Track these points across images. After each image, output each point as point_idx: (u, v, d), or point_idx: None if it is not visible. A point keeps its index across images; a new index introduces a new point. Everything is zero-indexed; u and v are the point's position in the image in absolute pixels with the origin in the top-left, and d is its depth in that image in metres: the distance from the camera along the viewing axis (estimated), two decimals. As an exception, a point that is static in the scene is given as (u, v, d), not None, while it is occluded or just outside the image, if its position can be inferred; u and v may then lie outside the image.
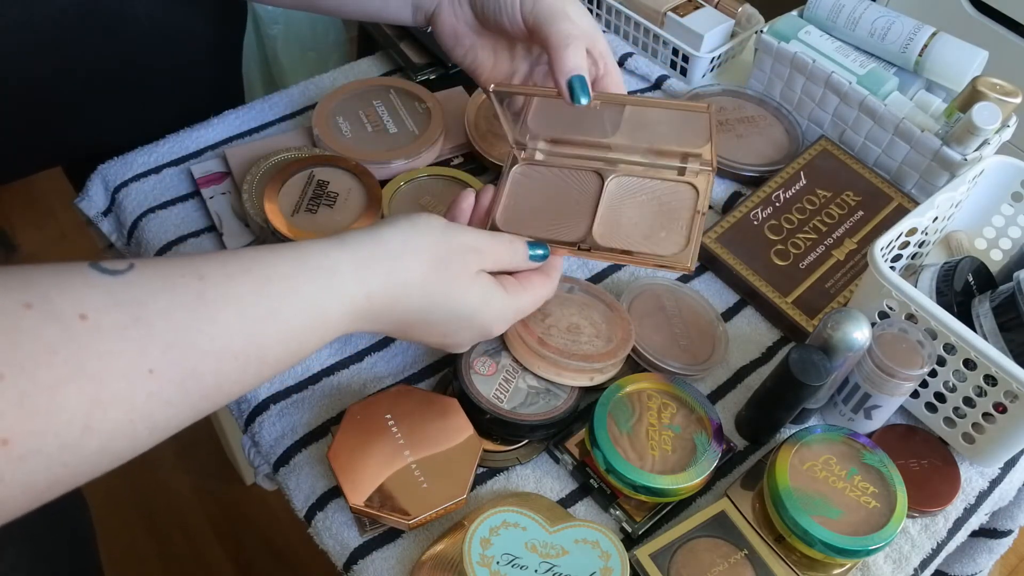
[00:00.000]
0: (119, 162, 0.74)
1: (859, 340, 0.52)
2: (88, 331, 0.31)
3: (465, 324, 0.48)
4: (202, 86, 0.85)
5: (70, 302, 0.31)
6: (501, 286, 0.50)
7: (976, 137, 0.67)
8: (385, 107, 0.76)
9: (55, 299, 0.30)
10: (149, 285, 0.33)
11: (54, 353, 0.29)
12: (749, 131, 0.79)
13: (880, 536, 0.51)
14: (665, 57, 0.87)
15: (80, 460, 0.31)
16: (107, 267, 0.33)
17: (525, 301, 0.51)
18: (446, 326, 0.48)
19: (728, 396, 0.63)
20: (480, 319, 0.48)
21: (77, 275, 0.32)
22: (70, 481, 0.31)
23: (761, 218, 0.71)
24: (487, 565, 0.48)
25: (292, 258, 0.40)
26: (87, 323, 0.31)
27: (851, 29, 0.78)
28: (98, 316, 0.31)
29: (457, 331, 0.49)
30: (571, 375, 0.57)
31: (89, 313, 0.31)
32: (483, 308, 0.48)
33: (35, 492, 0.30)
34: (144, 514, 1.26)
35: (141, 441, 0.33)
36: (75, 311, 0.31)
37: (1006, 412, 0.55)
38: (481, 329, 0.50)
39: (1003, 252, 0.70)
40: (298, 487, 0.57)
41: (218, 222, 0.69)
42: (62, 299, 0.31)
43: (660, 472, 0.53)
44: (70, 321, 0.30)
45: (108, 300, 0.32)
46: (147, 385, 0.32)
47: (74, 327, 0.30)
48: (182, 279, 0.35)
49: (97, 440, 0.31)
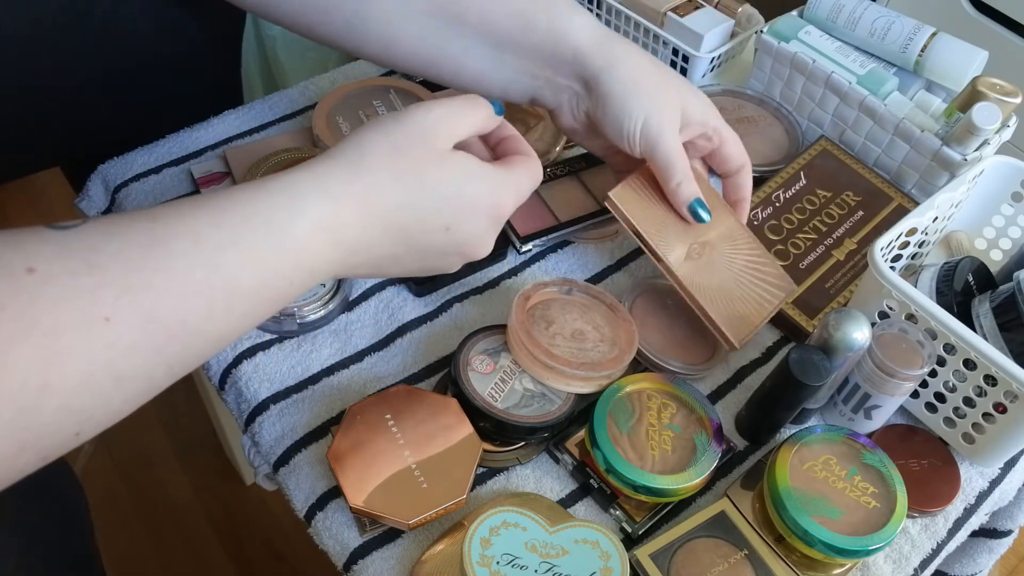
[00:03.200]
0: (119, 162, 0.74)
1: (859, 340, 0.52)
2: (37, 283, 0.29)
3: (461, 205, 0.43)
4: (201, 84, 0.85)
5: (19, 257, 0.29)
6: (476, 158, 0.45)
7: (976, 137, 0.67)
8: (385, 107, 0.76)
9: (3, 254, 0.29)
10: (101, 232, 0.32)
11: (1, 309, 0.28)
12: (749, 131, 0.79)
13: (880, 536, 0.51)
14: (665, 57, 0.87)
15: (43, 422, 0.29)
16: (61, 224, 0.32)
17: (520, 174, 0.47)
18: (441, 215, 0.43)
19: (728, 396, 0.63)
20: (473, 193, 0.44)
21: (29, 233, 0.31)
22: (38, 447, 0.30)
23: (761, 218, 0.71)
24: (487, 565, 0.48)
25: (249, 188, 0.38)
26: (36, 275, 0.29)
27: (851, 29, 0.78)
28: (48, 267, 0.30)
29: (459, 217, 0.44)
30: (579, 384, 0.57)
31: (38, 265, 0.29)
32: (468, 180, 0.44)
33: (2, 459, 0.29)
34: (144, 514, 1.26)
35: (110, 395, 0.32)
36: (24, 264, 0.29)
37: (1006, 412, 0.55)
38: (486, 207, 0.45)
39: (1003, 252, 0.70)
40: (298, 487, 0.57)
41: (218, 222, 0.69)
42: (10, 255, 0.29)
43: (660, 472, 0.53)
44: (18, 275, 0.29)
45: (59, 250, 0.30)
46: (105, 333, 0.30)
47: (22, 280, 0.29)
48: (134, 223, 0.33)
49: (57, 398, 0.29)
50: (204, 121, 0.78)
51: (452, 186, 0.43)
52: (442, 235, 0.44)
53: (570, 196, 0.72)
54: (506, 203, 0.46)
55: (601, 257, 0.71)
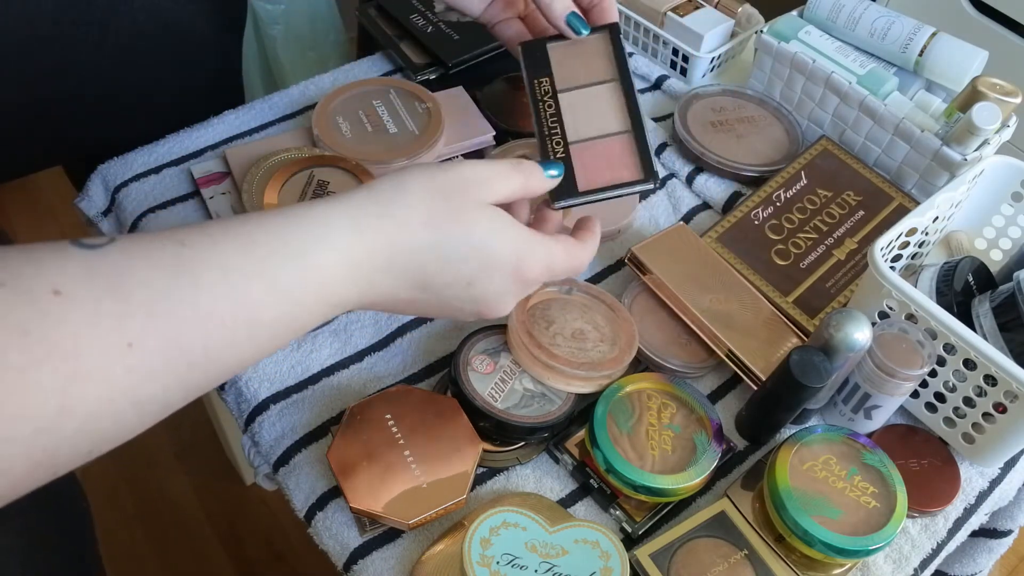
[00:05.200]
0: (119, 162, 0.74)
1: (860, 341, 0.52)
2: (61, 306, 0.29)
3: (486, 260, 0.42)
4: (201, 79, 0.85)
5: (43, 278, 0.29)
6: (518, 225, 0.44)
7: (976, 137, 0.66)
8: (385, 107, 0.76)
9: (27, 276, 0.29)
10: (128, 255, 0.32)
11: (25, 333, 0.28)
12: (749, 131, 0.79)
13: (880, 536, 0.51)
14: (665, 57, 0.87)
15: (59, 443, 0.29)
16: (86, 242, 0.32)
17: (554, 247, 0.45)
18: (466, 265, 0.42)
19: (728, 396, 0.63)
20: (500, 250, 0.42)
21: (54, 251, 0.31)
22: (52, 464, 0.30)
23: (762, 218, 0.71)
24: (487, 565, 0.48)
25: (280, 216, 0.37)
26: (60, 298, 0.29)
27: (851, 29, 0.78)
28: (72, 290, 0.30)
29: (481, 273, 0.42)
30: (580, 384, 0.57)
31: (63, 288, 0.29)
32: (497, 236, 0.42)
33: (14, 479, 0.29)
34: (144, 514, 1.26)
35: (128, 419, 0.32)
36: (48, 287, 0.29)
37: (1006, 412, 0.55)
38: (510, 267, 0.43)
39: (1003, 252, 0.70)
40: (298, 487, 0.57)
41: (218, 222, 0.69)
42: (35, 276, 0.29)
43: (660, 472, 0.53)
44: (42, 298, 0.29)
45: (83, 273, 0.30)
46: (126, 359, 0.30)
47: (46, 303, 0.29)
48: (162, 247, 0.33)
49: (76, 421, 0.29)
50: (204, 121, 0.78)
51: (480, 238, 0.42)
52: (463, 288, 0.43)
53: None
54: (532, 269, 0.44)
55: (601, 257, 0.71)
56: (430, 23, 0.85)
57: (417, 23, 0.85)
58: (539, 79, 0.55)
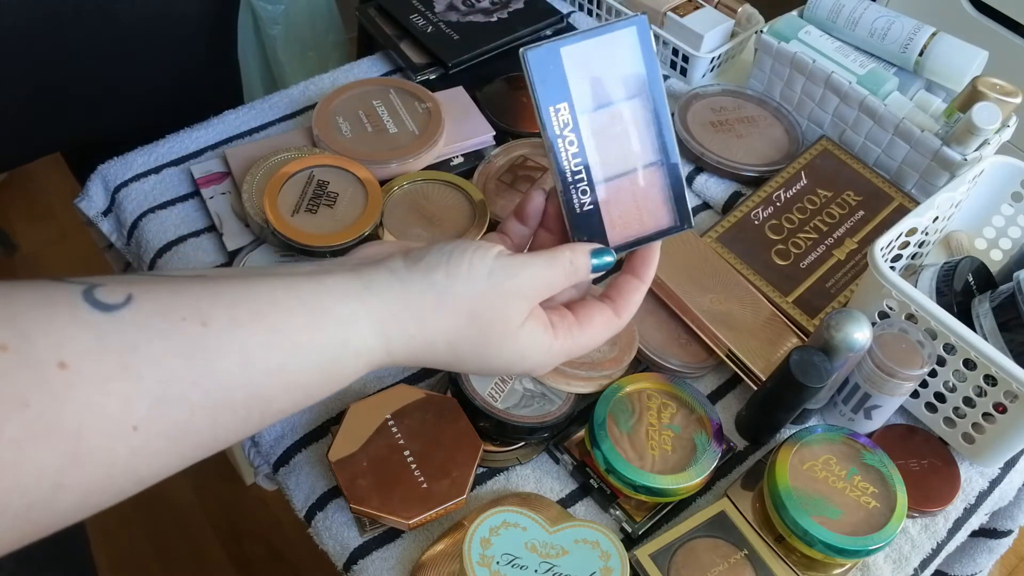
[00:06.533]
0: (119, 162, 0.74)
1: (860, 341, 0.52)
2: (67, 381, 0.27)
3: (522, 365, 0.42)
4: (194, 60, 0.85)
5: (51, 346, 0.28)
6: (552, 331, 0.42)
7: (976, 137, 0.66)
8: (385, 107, 0.76)
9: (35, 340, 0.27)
10: (144, 326, 0.30)
11: (26, 405, 0.26)
12: (749, 131, 0.79)
13: (880, 536, 0.51)
14: (665, 57, 0.87)
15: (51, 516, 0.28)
16: (101, 300, 0.30)
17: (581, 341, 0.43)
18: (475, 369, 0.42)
19: (728, 396, 0.63)
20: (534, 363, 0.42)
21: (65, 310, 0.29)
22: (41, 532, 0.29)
23: (762, 218, 0.71)
24: (487, 565, 0.48)
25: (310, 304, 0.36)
26: (66, 372, 0.28)
27: (851, 29, 0.78)
28: (80, 363, 0.28)
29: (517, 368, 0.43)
30: (580, 383, 0.57)
31: (70, 360, 0.28)
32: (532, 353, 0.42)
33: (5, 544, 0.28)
34: (144, 514, 1.26)
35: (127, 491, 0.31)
36: (55, 357, 0.27)
37: (1006, 412, 0.55)
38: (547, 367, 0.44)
39: (1003, 252, 0.70)
40: (298, 487, 0.57)
41: (218, 222, 0.69)
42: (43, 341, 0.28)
43: (660, 472, 0.53)
44: (48, 369, 0.27)
45: (94, 344, 0.29)
46: (130, 441, 0.29)
47: (51, 376, 0.27)
48: (183, 322, 0.31)
49: (72, 496, 0.28)
50: (204, 121, 0.78)
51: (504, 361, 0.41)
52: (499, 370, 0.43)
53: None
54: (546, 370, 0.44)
55: (601, 257, 0.71)
56: (430, 23, 0.85)
57: (417, 23, 0.85)
58: (555, 105, 0.43)
